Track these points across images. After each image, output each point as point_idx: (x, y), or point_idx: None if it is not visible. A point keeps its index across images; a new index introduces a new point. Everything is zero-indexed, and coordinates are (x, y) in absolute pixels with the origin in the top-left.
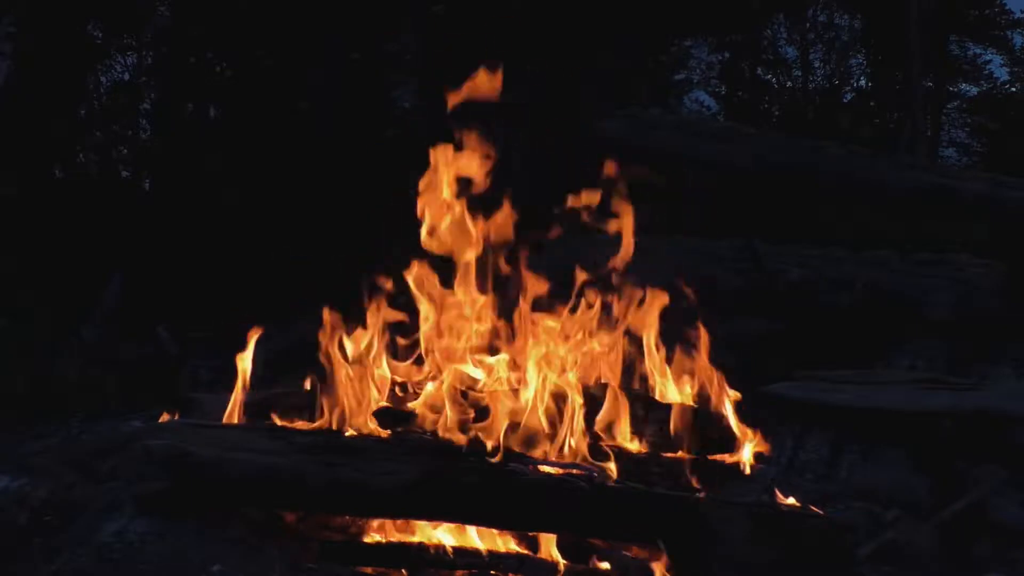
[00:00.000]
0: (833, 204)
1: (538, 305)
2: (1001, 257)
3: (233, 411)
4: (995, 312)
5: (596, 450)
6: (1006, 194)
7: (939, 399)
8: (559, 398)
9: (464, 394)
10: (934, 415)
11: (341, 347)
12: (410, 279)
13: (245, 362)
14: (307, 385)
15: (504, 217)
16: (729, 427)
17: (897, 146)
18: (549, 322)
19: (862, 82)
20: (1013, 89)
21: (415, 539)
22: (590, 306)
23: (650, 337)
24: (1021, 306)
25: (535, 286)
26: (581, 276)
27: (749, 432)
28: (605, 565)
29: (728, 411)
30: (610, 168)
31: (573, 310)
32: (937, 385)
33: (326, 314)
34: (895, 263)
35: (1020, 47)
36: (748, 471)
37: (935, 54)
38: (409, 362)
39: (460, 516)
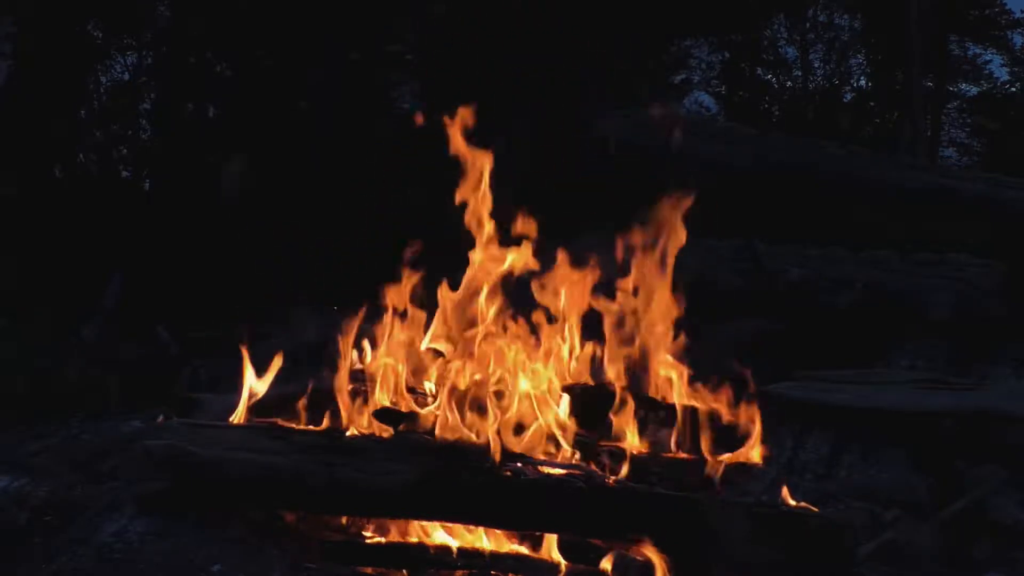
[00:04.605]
0: (833, 204)
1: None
2: (1001, 257)
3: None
4: (995, 312)
5: (597, 450)
6: (1006, 194)
7: (939, 399)
8: (560, 398)
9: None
10: (934, 415)
11: (344, 347)
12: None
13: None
14: (308, 385)
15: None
16: (729, 427)
17: (897, 146)
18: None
19: (862, 82)
20: (1013, 89)
21: (415, 539)
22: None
23: (652, 337)
24: (1021, 306)
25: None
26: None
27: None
28: (605, 565)
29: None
30: None
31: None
32: (937, 385)
33: (329, 313)
34: (895, 263)
35: (1020, 47)
36: (748, 471)
37: (935, 54)
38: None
39: (460, 516)
